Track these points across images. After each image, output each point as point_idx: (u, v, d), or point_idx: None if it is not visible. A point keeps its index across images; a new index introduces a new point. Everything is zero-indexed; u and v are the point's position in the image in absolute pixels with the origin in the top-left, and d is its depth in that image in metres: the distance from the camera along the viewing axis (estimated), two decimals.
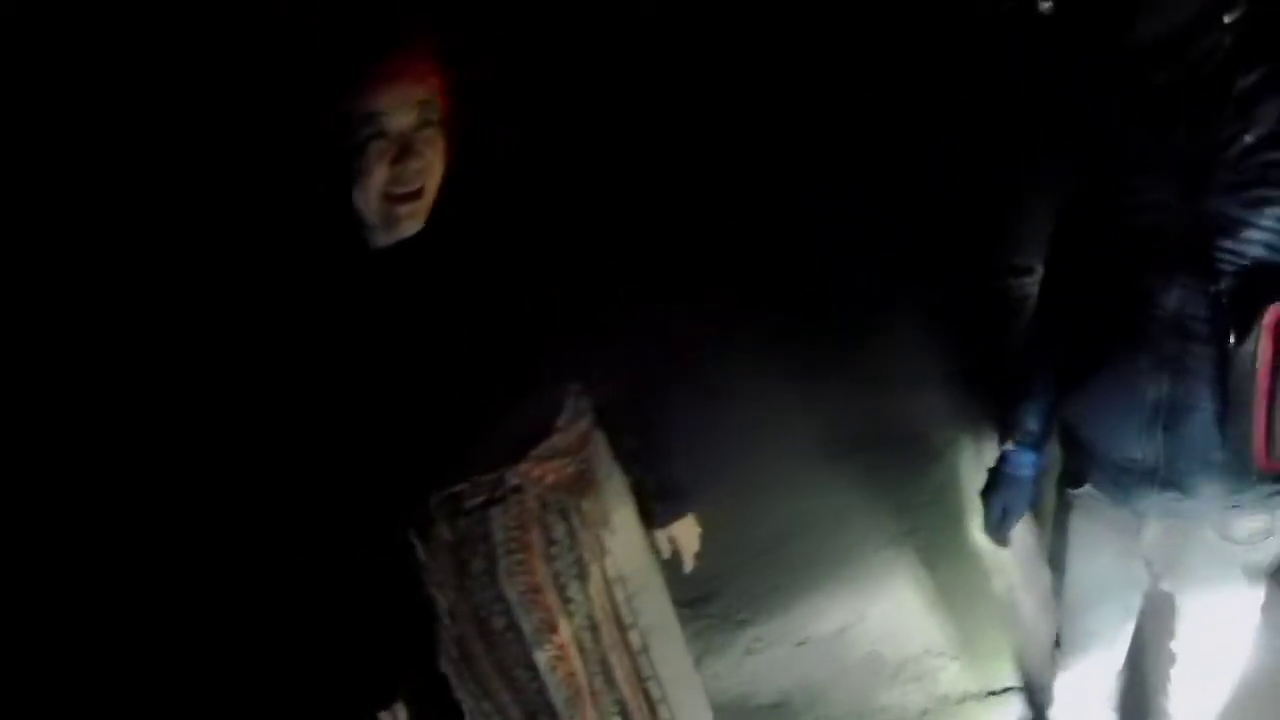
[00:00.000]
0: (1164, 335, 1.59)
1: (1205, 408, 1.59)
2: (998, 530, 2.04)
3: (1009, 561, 3.14)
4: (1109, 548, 1.89)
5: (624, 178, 4.99)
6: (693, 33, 5.07)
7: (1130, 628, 2.06)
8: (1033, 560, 3.06)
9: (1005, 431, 1.98)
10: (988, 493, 2.03)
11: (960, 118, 4.02)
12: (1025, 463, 1.97)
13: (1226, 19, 1.47)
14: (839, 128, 5.21)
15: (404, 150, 1.47)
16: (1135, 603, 2.00)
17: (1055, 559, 2.04)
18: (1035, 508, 2.08)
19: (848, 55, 5.14)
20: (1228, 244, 1.51)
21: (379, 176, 1.47)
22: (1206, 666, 1.95)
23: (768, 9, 5.14)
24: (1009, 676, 2.84)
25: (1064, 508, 1.96)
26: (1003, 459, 1.99)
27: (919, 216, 4.63)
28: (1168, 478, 1.68)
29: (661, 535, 2.02)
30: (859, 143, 5.16)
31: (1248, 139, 1.49)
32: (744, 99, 5.21)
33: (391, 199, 1.49)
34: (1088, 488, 1.86)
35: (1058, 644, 2.18)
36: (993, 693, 2.81)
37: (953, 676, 2.88)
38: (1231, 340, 1.52)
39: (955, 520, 3.41)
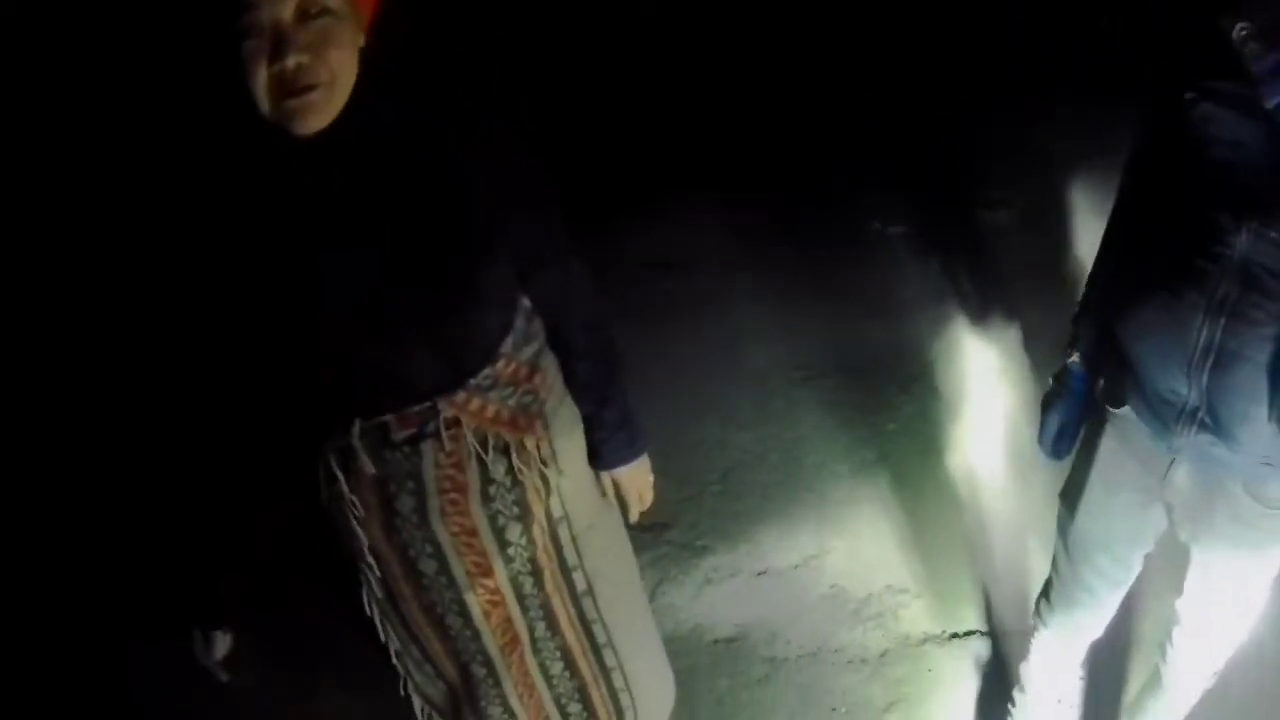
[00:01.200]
0: (1225, 278, 1.48)
1: (1257, 359, 1.49)
2: (1053, 444, 1.93)
3: (982, 495, 3.08)
4: (1133, 483, 1.79)
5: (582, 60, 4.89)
6: None
7: (1121, 591, 1.98)
8: (1009, 500, 3.01)
9: (1073, 343, 1.88)
10: (1047, 406, 1.93)
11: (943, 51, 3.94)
12: (1085, 377, 1.87)
13: None
14: (824, 45, 5.13)
15: (280, 45, 1.28)
16: (1136, 561, 1.92)
17: (1073, 488, 1.93)
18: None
19: None
20: None
21: (259, 77, 1.28)
22: (1211, 632, 1.89)
23: None
24: (973, 619, 2.79)
25: (1096, 428, 1.86)
26: (1066, 370, 1.89)
27: (895, 141, 4.56)
28: (1206, 421, 1.59)
29: (606, 479, 1.87)
30: (842, 62, 5.08)
31: None
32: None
33: (281, 95, 1.30)
34: (1126, 409, 1.75)
35: (1044, 595, 2.09)
36: (955, 635, 2.75)
37: (915, 616, 2.82)
38: None
39: (925, 452, 3.34)
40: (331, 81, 1.32)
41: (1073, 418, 1.89)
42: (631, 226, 4.43)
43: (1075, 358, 1.86)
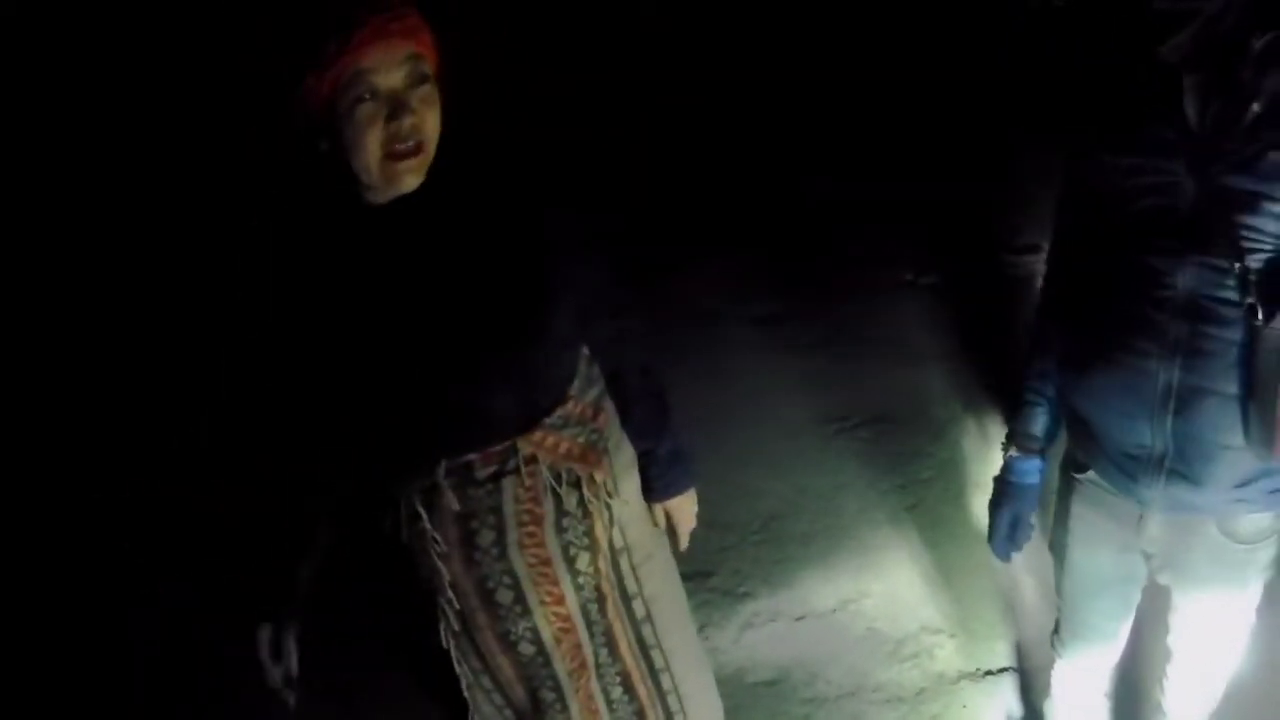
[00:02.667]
0: (1175, 317, 1.53)
1: (1221, 391, 1.54)
2: (1006, 543, 1.98)
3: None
4: (1109, 540, 1.86)
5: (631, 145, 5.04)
6: None
7: (1129, 622, 2.05)
8: (1034, 542, 3.08)
9: (1009, 438, 1.94)
10: (995, 505, 1.98)
11: (965, 94, 4.02)
12: (1030, 469, 1.92)
13: None
14: (842, 103, 5.22)
15: (397, 108, 1.44)
16: (1134, 597, 1.98)
17: (1056, 546, 2.01)
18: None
19: (852, 28, 5.16)
20: (1246, 219, 1.45)
21: (374, 136, 1.45)
22: (1203, 664, 1.94)
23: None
24: (1005, 657, 2.85)
25: (1065, 492, 1.92)
26: (1007, 468, 1.94)
27: (923, 192, 4.64)
28: (1175, 467, 1.63)
29: (658, 510, 1.99)
30: (862, 120, 5.17)
31: (1255, 108, 1.43)
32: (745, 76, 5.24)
33: (390, 157, 1.47)
34: (1091, 474, 1.82)
35: (1056, 632, 2.17)
36: (989, 673, 2.82)
37: (950, 655, 2.89)
38: (1259, 319, 1.46)
39: (957, 497, 3.43)
40: (431, 142, 1.50)
41: (1025, 510, 1.95)
42: (674, 281, 4.58)
43: (1013, 451, 1.92)
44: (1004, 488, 1.96)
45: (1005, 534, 1.97)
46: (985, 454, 3.56)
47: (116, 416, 3.45)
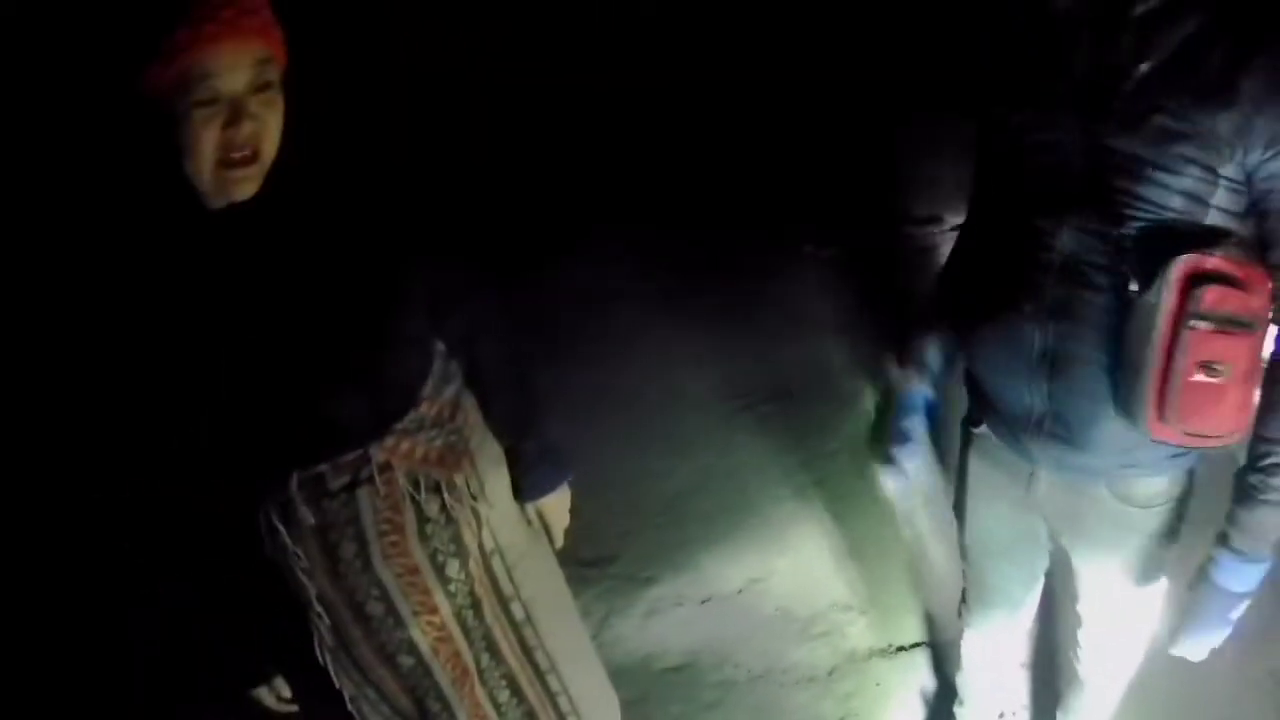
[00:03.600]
0: (1053, 280, 1.50)
1: (1095, 359, 1.50)
2: (892, 451, 1.81)
3: (919, 513, 3.11)
4: (1005, 496, 1.81)
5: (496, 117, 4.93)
6: None
7: (1036, 587, 2.00)
8: (943, 513, 3.04)
9: (900, 359, 1.85)
10: (879, 418, 1.87)
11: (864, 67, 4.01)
12: (916, 392, 1.82)
13: None
14: (736, 75, 5.20)
15: (236, 114, 1.36)
16: (1038, 563, 1.93)
17: (958, 505, 1.96)
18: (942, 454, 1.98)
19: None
20: (1129, 185, 1.40)
21: (209, 142, 1.35)
22: (1112, 630, 1.90)
23: None
24: (917, 632, 2.82)
25: (965, 448, 1.88)
26: (889, 390, 1.86)
27: (821, 165, 4.62)
28: (1055, 430, 1.60)
29: (530, 508, 1.92)
30: (759, 90, 5.15)
31: (1143, 68, 1.38)
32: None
33: (224, 164, 1.38)
34: (984, 428, 1.79)
35: (964, 600, 2.12)
36: (901, 648, 2.78)
37: (860, 631, 2.84)
38: (1133, 288, 1.42)
39: (863, 470, 3.33)
40: (270, 150, 1.41)
41: (912, 425, 1.81)
42: (566, 262, 4.48)
43: (896, 372, 1.84)
44: (890, 402, 1.85)
45: (894, 441, 1.81)
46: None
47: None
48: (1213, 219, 1.40)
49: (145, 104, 1.34)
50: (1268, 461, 1.46)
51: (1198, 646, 1.63)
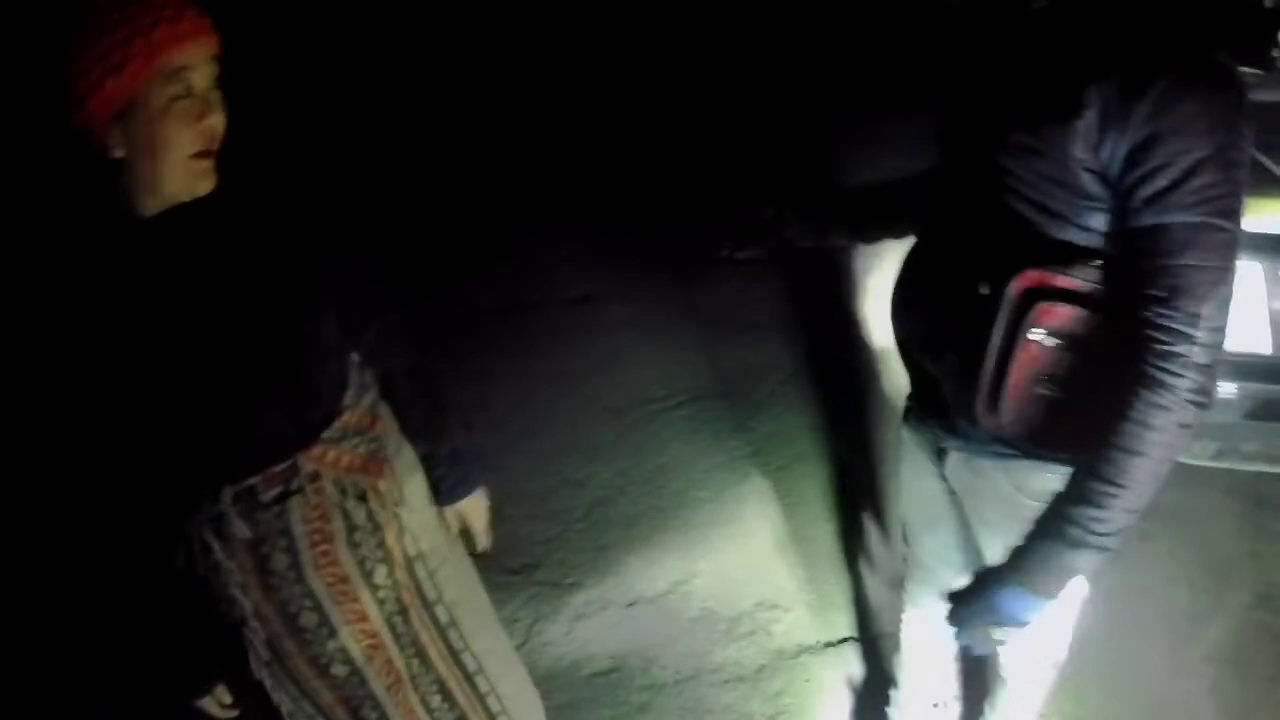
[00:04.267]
0: (941, 268, 1.57)
1: (953, 349, 1.53)
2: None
3: (847, 503, 3.14)
4: (925, 469, 1.84)
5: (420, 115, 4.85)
6: None
7: (966, 566, 1.99)
8: (879, 499, 3.07)
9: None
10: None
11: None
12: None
13: None
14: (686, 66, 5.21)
15: (206, 108, 1.41)
16: (963, 544, 1.91)
17: (897, 475, 2.01)
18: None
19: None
20: (998, 196, 1.44)
21: (189, 135, 1.40)
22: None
23: None
24: (846, 627, 2.82)
25: (904, 421, 1.92)
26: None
27: (740, 162, 4.64)
28: (950, 403, 1.61)
29: (450, 513, 1.93)
30: (686, 76, 5.16)
31: (1019, 81, 1.44)
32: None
33: (197, 155, 1.42)
34: (910, 400, 1.85)
35: (907, 577, 2.13)
36: (830, 644, 2.78)
37: (788, 629, 2.84)
38: (983, 290, 1.44)
39: (782, 470, 3.40)
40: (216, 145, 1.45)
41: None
42: (481, 269, 4.45)
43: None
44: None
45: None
46: (809, 427, 3.55)
47: None
48: (1075, 236, 1.41)
49: (104, 114, 1.35)
50: (1090, 502, 1.40)
51: (960, 633, 1.65)
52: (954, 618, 1.64)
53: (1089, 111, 1.32)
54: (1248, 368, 2.64)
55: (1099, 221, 1.40)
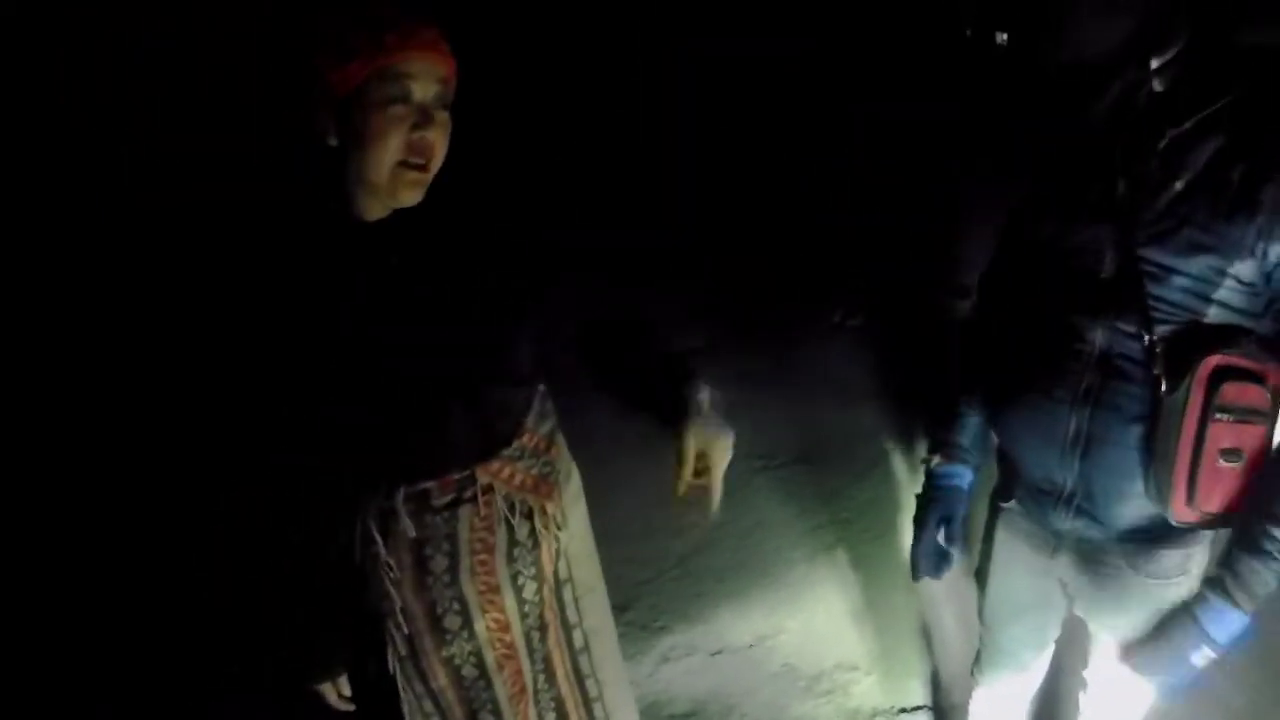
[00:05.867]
0: (1087, 370, 1.62)
1: (1124, 442, 1.61)
2: (932, 553, 1.96)
3: (934, 583, 3.17)
4: (1027, 564, 1.91)
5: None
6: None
7: (1047, 652, 2.08)
8: (956, 580, 3.10)
9: (935, 448, 1.98)
10: (921, 509, 1.99)
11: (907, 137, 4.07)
12: (956, 473, 1.96)
13: (1155, 62, 1.50)
14: (781, 137, 5.28)
15: (423, 119, 1.48)
16: (1052, 625, 2.02)
17: (980, 572, 2.05)
18: (966, 528, 2.04)
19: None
20: (1159, 291, 1.53)
21: (398, 138, 1.47)
22: (1117, 696, 1.94)
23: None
24: (921, 696, 2.87)
25: (992, 520, 1.98)
26: (932, 474, 1.98)
27: (860, 233, 4.69)
28: (1082, 505, 1.71)
29: (701, 445, 1.72)
30: (801, 151, 5.22)
31: (1177, 186, 1.51)
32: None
33: (403, 165, 1.49)
34: (1013, 503, 1.89)
35: (976, 661, 2.18)
36: (904, 710, 2.83)
37: (865, 691, 2.89)
38: (1163, 388, 1.54)
39: (877, 538, 3.44)
40: (437, 166, 1.52)
41: (954, 513, 1.96)
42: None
43: (938, 459, 1.97)
44: (931, 492, 1.98)
45: (932, 539, 1.96)
46: (905, 497, 3.59)
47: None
48: (1232, 318, 1.52)
49: (328, 100, 1.45)
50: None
51: (1149, 671, 1.71)
52: (1150, 660, 1.70)
53: (1263, 206, 1.45)
54: None
55: (1254, 304, 1.52)
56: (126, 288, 1.57)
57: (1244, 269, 1.49)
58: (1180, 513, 1.57)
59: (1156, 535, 1.68)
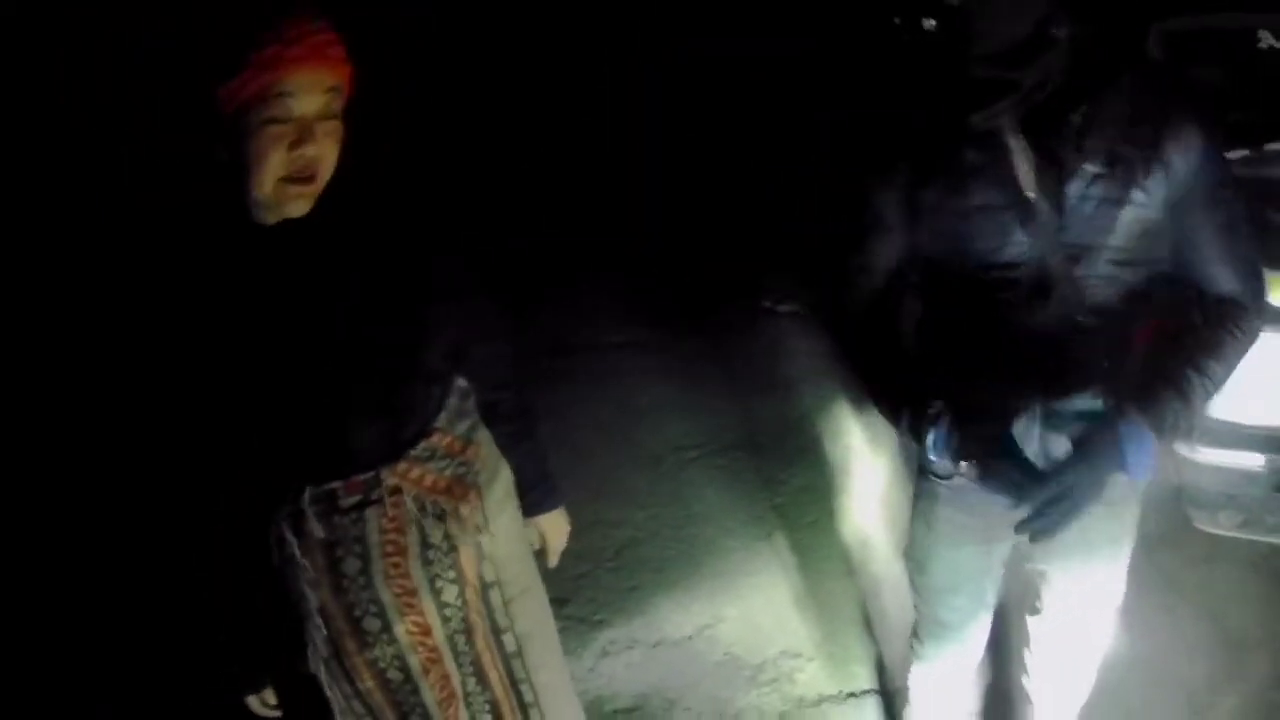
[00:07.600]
0: (1034, 351, 1.64)
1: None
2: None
3: (872, 560, 3.18)
4: (974, 536, 1.88)
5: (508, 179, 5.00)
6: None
7: (986, 621, 2.06)
8: (896, 561, 3.10)
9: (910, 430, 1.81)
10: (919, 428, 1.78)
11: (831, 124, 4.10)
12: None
13: (1056, 32, 1.50)
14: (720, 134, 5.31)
15: (303, 136, 1.44)
16: (989, 595, 2.00)
17: (916, 548, 2.00)
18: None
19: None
20: (1085, 268, 1.56)
21: (276, 159, 1.43)
22: (1069, 645, 1.97)
23: None
24: (867, 679, 2.86)
25: (929, 499, 1.91)
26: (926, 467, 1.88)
27: (787, 221, 4.71)
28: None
29: (531, 528, 2.00)
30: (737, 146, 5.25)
31: (1088, 168, 1.53)
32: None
33: (285, 180, 1.46)
34: (960, 480, 1.80)
35: (915, 634, 2.16)
36: (851, 694, 2.81)
37: (810, 678, 2.88)
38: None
39: (813, 523, 3.45)
40: (325, 175, 1.48)
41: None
42: (534, 310, 4.54)
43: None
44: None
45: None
46: (840, 482, 3.60)
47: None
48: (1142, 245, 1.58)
49: (214, 116, 1.40)
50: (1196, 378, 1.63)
51: (1074, 495, 1.63)
52: (1061, 491, 1.62)
53: (1172, 159, 1.54)
54: (1275, 441, 2.67)
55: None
56: (107, 286, 1.53)
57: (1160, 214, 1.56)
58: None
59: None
